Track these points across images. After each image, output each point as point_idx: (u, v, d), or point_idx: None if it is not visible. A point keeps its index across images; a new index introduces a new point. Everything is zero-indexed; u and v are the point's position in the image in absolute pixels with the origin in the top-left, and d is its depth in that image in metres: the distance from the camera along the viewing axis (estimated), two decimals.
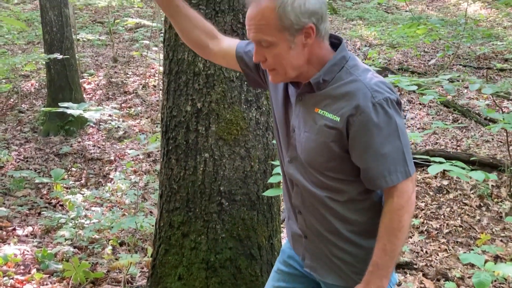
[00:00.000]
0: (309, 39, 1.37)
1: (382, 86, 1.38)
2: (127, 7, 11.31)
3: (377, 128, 1.35)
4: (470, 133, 6.26)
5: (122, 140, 6.47)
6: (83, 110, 4.36)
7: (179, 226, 2.25)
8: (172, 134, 2.25)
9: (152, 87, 8.22)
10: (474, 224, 4.28)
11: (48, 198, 5.02)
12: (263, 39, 1.36)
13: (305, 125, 1.46)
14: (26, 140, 6.61)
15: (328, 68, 1.41)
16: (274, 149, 2.32)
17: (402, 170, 1.38)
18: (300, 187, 1.53)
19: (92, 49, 9.80)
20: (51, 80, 7.00)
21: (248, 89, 2.20)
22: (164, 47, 2.28)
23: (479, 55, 8.87)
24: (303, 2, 1.33)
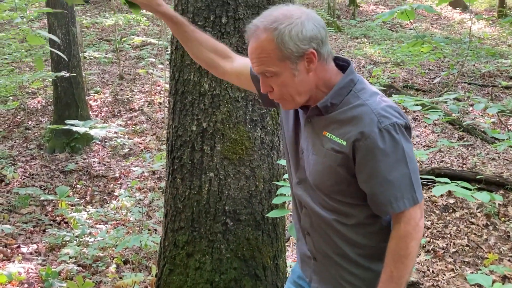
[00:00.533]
0: (312, 64, 1.38)
1: (390, 111, 1.37)
2: (133, 25, 11.45)
3: (383, 154, 1.35)
4: (476, 151, 6.23)
5: (127, 158, 6.49)
6: (89, 127, 4.39)
7: (184, 245, 2.24)
8: (177, 153, 2.26)
9: (158, 104, 8.27)
10: (481, 244, 4.23)
11: (53, 215, 5.02)
12: (266, 70, 1.38)
13: (313, 148, 1.46)
14: (32, 157, 6.64)
15: (335, 91, 1.42)
16: (279, 169, 2.32)
17: (409, 196, 1.37)
18: (308, 209, 1.52)
19: (99, 66, 9.90)
20: (57, 97, 7.06)
21: (253, 109, 2.21)
22: (171, 67, 2.30)
23: (484, 73, 8.88)
24: (300, 30, 1.34)
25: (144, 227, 4.35)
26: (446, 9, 14.66)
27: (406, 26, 12.76)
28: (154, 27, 11.86)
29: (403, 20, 5.22)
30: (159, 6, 1.63)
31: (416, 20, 13.14)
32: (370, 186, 1.38)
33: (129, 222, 4.64)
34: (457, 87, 8.21)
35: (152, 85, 8.64)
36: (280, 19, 1.34)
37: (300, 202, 1.56)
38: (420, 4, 5.86)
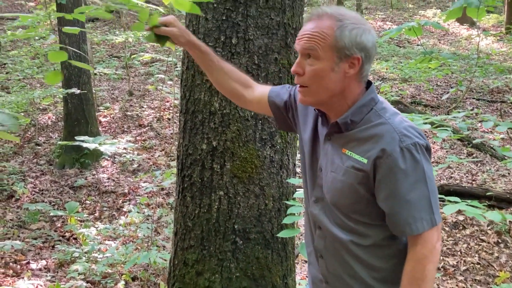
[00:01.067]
0: (352, 69, 1.38)
1: (411, 131, 1.37)
2: (143, 42, 11.58)
3: (403, 173, 1.34)
4: (485, 167, 6.20)
5: (136, 173, 6.52)
6: (99, 143, 4.44)
7: (193, 264, 2.25)
8: (187, 172, 2.28)
9: (167, 120, 8.32)
10: (492, 261, 4.19)
11: (62, 231, 5.05)
12: (313, 48, 1.37)
13: (332, 165, 1.45)
14: (42, 172, 6.69)
15: (356, 108, 1.41)
16: (288, 187, 2.33)
17: (427, 218, 1.35)
18: (324, 230, 1.50)
19: (109, 82, 10.01)
20: (68, 113, 7.14)
21: (262, 127, 2.23)
22: (181, 87, 2.33)
23: (493, 89, 8.87)
24: (361, 33, 1.36)
25: (153, 244, 4.35)
26: (453, 25, 14.70)
27: (414, 42, 12.79)
28: None
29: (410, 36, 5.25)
30: (190, 36, 1.65)
31: (423, 36, 13.18)
32: (389, 206, 1.37)
33: (138, 238, 4.65)
34: (465, 102, 8.19)
35: (161, 101, 8.71)
36: (350, 17, 1.37)
37: (315, 222, 1.55)
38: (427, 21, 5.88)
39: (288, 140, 2.32)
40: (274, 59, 2.20)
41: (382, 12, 16.81)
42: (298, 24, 2.28)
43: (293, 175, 2.37)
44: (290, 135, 2.34)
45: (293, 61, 2.26)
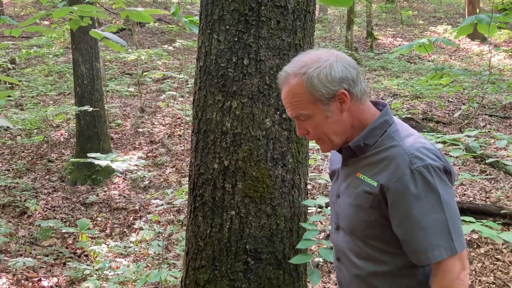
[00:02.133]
0: (344, 104, 1.38)
1: (425, 152, 1.31)
2: (154, 60, 11.72)
3: (415, 198, 1.28)
4: (499, 184, 6.12)
5: (147, 190, 6.54)
6: (110, 160, 4.47)
7: (205, 284, 2.24)
8: (199, 191, 2.28)
9: (178, 136, 8.37)
10: (508, 281, 4.11)
11: (73, 248, 5.06)
12: (299, 113, 1.40)
13: (347, 190, 1.44)
14: (54, 189, 6.75)
15: (368, 131, 1.40)
16: (300, 207, 2.32)
17: (446, 246, 1.28)
18: (344, 260, 1.48)
19: (120, 99, 10.11)
20: (80, 130, 7.22)
21: (274, 147, 2.23)
22: (194, 107, 2.35)
23: (505, 105, 8.81)
24: (329, 72, 1.35)
25: (164, 261, 4.34)
26: (464, 41, 14.67)
27: (425, 58, 12.78)
28: (175, 61, 12.13)
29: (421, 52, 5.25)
30: None
31: (434, 52, 13.17)
32: (403, 232, 1.32)
33: (149, 255, 4.64)
34: (477, 119, 8.14)
35: (173, 118, 8.77)
36: (308, 64, 1.37)
37: (337, 252, 1.53)
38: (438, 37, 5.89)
39: (300, 159, 2.32)
40: None
41: (392, 28, 16.85)
42: (309, 44, 2.30)
43: (304, 195, 2.37)
44: (301, 155, 2.34)
45: None
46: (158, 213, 5.81)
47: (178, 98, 8.96)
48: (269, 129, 2.21)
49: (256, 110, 2.18)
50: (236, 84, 2.17)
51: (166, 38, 14.29)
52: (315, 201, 2.36)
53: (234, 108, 2.18)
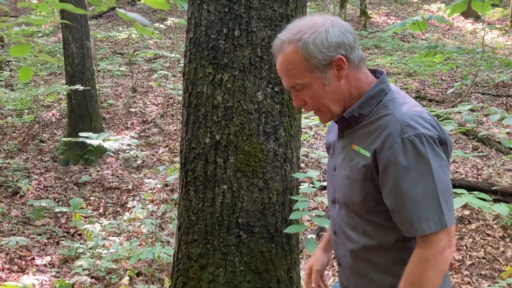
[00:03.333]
0: (342, 71, 1.33)
1: (418, 120, 1.26)
2: (146, 39, 11.58)
3: (404, 169, 1.23)
4: (491, 161, 6.16)
5: (140, 170, 6.52)
6: (103, 140, 4.43)
7: (197, 258, 2.24)
8: (191, 166, 2.27)
9: (170, 116, 8.32)
10: (498, 256, 4.16)
11: (66, 227, 5.06)
12: (296, 83, 1.34)
13: (343, 163, 1.41)
14: (46, 169, 6.71)
15: (363, 101, 1.36)
16: (292, 181, 2.31)
17: (435, 218, 1.23)
18: (338, 235, 1.46)
19: (112, 79, 10.01)
20: (72, 110, 7.15)
21: (266, 121, 2.21)
22: (184, 80, 2.31)
23: (498, 83, 8.81)
24: (325, 37, 1.30)
25: (157, 239, 4.35)
26: (458, 19, 14.60)
27: (418, 36, 12.72)
28: (166, 40, 11.99)
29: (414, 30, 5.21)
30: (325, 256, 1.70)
31: (427, 31, 13.10)
32: (391, 202, 1.28)
33: (142, 234, 4.65)
34: (470, 97, 8.14)
35: (165, 98, 8.71)
36: (303, 30, 1.32)
37: (333, 226, 1.51)
38: (431, 15, 5.84)
39: (292, 133, 2.31)
40: None
41: (386, 6, 16.72)
42: (301, 15, 2.26)
43: (297, 169, 2.36)
44: (294, 129, 2.32)
45: None
46: (151, 191, 5.81)
47: (170, 78, 8.88)
48: (261, 103, 2.19)
49: (248, 83, 2.16)
50: (227, 56, 2.14)
51: (157, 16, 14.10)
52: (305, 174, 2.35)
53: (225, 81, 2.15)
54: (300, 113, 2.39)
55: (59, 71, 10.07)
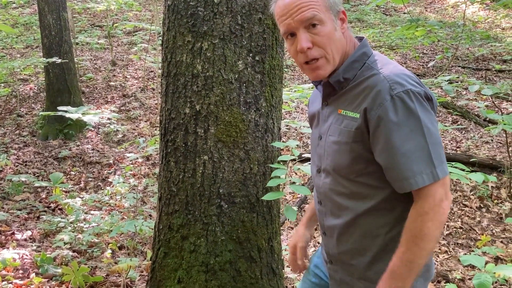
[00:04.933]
0: (344, 24, 1.34)
1: (405, 78, 1.27)
2: (125, 11, 11.31)
3: (395, 125, 1.24)
4: (469, 134, 6.26)
5: (121, 144, 6.46)
6: (82, 113, 4.35)
7: (178, 229, 2.23)
8: (171, 136, 2.24)
9: (151, 90, 8.21)
10: (474, 226, 4.27)
11: (47, 202, 5.01)
12: (314, 15, 1.29)
13: (330, 129, 1.40)
14: (25, 144, 6.59)
15: (348, 64, 1.35)
16: (273, 151, 2.31)
17: (428, 171, 1.23)
18: (327, 202, 1.45)
19: (91, 52, 9.80)
20: (49, 83, 7.00)
21: (247, 91, 2.19)
22: (163, 49, 2.27)
23: (478, 57, 8.88)
24: None
25: (139, 212, 4.34)
26: None
27: (400, 10, 12.69)
28: (146, 13, 11.74)
29: (397, 4, 5.18)
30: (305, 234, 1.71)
31: (410, 4, 13.08)
32: (384, 159, 1.27)
33: (124, 208, 4.63)
34: (451, 70, 8.20)
35: (145, 71, 8.57)
36: None
37: (319, 195, 1.50)
38: None
39: (273, 103, 2.29)
40: (258, 19, 2.15)
41: None
42: None
43: (278, 139, 2.35)
44: (275, 99, 2.30)
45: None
46: (132, 165, 5.76)
47: (151, 51, 8.73)
48: (242, 72, 2.16)
49: (228, 51, 2.12)
50: (207, 24, 2.09)
51: None
52: (285, 143, 2.35)
53: (205, 50, 2.11)
54: (281, 83, 2.38)
55: (36, 43, 9.81)
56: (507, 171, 4.79)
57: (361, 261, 1.40)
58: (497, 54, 9.00)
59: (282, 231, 3.97)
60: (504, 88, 4.80)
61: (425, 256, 1.27)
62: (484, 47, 9.12)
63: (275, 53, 2.25)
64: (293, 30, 1.33)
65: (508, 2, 4.20)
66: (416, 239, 1.25)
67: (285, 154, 2.49)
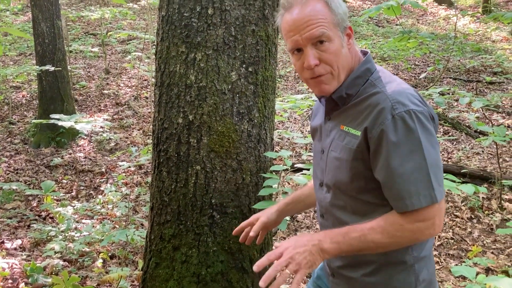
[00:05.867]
0: (351, 39, 1.34)
1: (408, 97, 1.26)
2: (120, 19, 11.34)
3: (395, 144, 1.22)
4: (460, 145, 6.30)
5: (113, 152, 6.44)
6: (75, 121, 4.34)
7: (170, 239, 2.23)
8: (163, 146, 2.24)
9: (144, 98, 8.21)
10: (465, 236, 4.29)
11: (38, 210, 4.97)
12: (323, 32, 1.29)
13: (332, 144, 1.40)
14: (16, 151, 6.56)
15: (351, 80, 1.35)
16: (266, 162, 2.32)
17: (426, 193, 1.21)
18: (328, 217, 1.45)
19: (85, 60, 9.79)
20: (42, 91, 6.98)
21: (240, 101, 2.20)
22: (156, 59, 2.28)
23: (469, 68, 8.98)
24: (340, 1, 1.33)
25: (131, 222, 4.32)
26: (431, 5, 14.76)
27: (393, 21, 12.82)
28: (140, 21, 11.76)
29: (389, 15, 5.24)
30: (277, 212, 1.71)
31: (402, 16, 13.22)
32: (383, 178, 1.26)
33: (115, 217, 4.60)
34: (442, 82, 8.28)
35: (139, 80, 8.57)
36: None
37: (321, 209, 1.50)
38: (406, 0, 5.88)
39: (266, 114, 2.30)
40: (251, 31, 2.16)
41: None
42: None
43: (270, 149, 2.36)
44: (268, 109, 2.32)
45: (271, 34, 2.24)
46: (125, 173, 5.74)
47: (144, 59, 8.74)
48: (235, 83, 2.17)
49: (222, 62, 2.14)
50: (201, 35, 2.11)
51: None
52: (277, 153, 2.36)
53: (199, 61, 2.13)
54: (274, 94, 2.39)
55: (29, 51, 9.79)
56: (498, 182, 4.83)
57: (362, 274, 1.40)
58: (487, 66, 9.10)
59: (274, 241, 3.96)
60: (494, 100, 4.85)
61: (372, 249, 1.27)
62: (475, 59, 9.22)
63: (268, 65, 2.27)
64: (300, 46, 1.32)
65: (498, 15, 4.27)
66: (376, 234, 1.25)
67: (277, 164, 2.50)
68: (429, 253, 1.40)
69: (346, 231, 1.28)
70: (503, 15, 4.06)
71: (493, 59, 9.12)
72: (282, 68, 9.24)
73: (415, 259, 1.35)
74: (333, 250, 1.27)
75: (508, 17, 3.88)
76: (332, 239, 1.28)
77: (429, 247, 1.40)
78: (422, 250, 1.37)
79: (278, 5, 2.24)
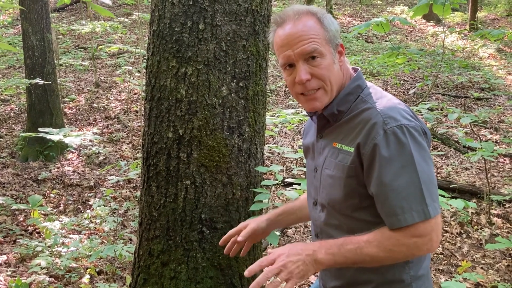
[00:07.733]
0: (342, 57, 1.35)
1: (400, 112, 1.25)
2: (110, 33, 11.34)
3: (387, 159, 1.21)
4: (449, 160, 6.35)
5: (102, 166, 6.38)
6: (63, 135, 4.30)
7: (159, 254, 2.20)
8: (153, 160, 2.23)
9: (134, 112, 8.18)
10: (455, 251, 4.29)
11: (24, 225, 4.90)
12: (315, 48, 1.30)
13: (325, 162, 1.39)
14: (3, 165, 6.47)
15: (342, 97, 1.35)
16: (256, 176, 2.31)
17: (418, 209, 1.20)
18: (323, 236, 1.43)
19: (74, 74, 9.76)
20: (31, 104, 6.92)
21: (230, 116, 2.20)
22: (147, 73, 2.27)
23: (457, 84, 9.09)
24: (332, 19, 1.35)
25: (119, 237, 4.27)
26: (420, 22, 14.99)
27: (382, 38, 12.98)
28: (131, 35, 11.78)
29: (378, 32, 5.30)
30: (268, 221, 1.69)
31: (391, 32, 13.39)
32: (376, 194, 1.25)
33: (104, 231, 4.55)
34: (431, 97, 8.37)
35: (129, 93, 8.55)
36: (312, 7, 1.35)
37: (315, 228, 1.48)
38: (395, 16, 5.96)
39: (257, 129, 2.30)
40: (242, 46, 2.17)
41: (351, 8, 16.97)
42: (266, 11, 2.26)
43: (261, 164, 2.35)
44: (258, 124, 2.32)
45: (262, 49, 2.25)
46: (113, 188, 5.69)
47: (135, 73, 8.73)
48: (226, 98, 2.17)
49: (212, 77, 2.14)
50: (191, 49, 2.11)
51: (122, 11, 13.83)
52: (268, 168, 2.35)
53: (189, 75, 2.12)
54: (265, 108, 2.39)
55: (19, 64, 9.74)
56: (486, 197, 4.86)
57: None
58: (475, 83, 9.24)
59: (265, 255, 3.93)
60: (482, 116, 4.90)
61: (369, 262, 1.25)
62: (463, 75, 9.36)
63: (259, 80, 2.27)
64: (292, 61, 1.33)
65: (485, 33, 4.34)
66: (372, 247, 1.24)
67: (268, 178, 2.49)
68: (427, 272, 1.39)
69: (342, 243, 1.26)
70: (490, 32, 4.13)
71: (481, 76, 9.26)
72: (272, 82, 9.28)
73: (412, 278, 1.33)
74: (327, 262, 1.25)
75: (495, 34, 3.95)
76: (327, 250, 1.26)
77: (426, 265, 1.38)
78: (420, 268, 1.35)
79: (268, 21, 2.26)
